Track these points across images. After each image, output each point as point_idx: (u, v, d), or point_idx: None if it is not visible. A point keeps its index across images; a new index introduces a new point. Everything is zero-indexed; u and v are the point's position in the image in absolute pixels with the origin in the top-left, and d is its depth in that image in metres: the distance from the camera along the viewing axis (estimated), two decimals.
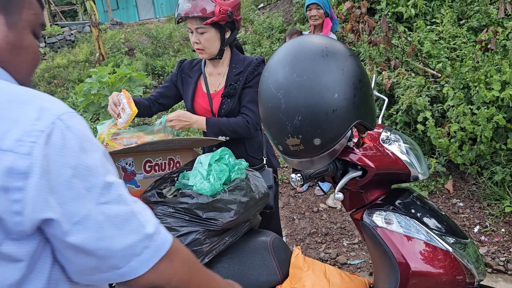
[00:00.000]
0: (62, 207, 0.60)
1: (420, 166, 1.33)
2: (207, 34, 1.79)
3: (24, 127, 0.57)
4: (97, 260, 0.65)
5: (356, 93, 1.04)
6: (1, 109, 0.57)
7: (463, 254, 1.17)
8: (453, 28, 4.52)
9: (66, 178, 0.60)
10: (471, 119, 3.16)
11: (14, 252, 0.59)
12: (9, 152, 0.55)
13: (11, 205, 0.56)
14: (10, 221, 0.57)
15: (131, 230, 0.68)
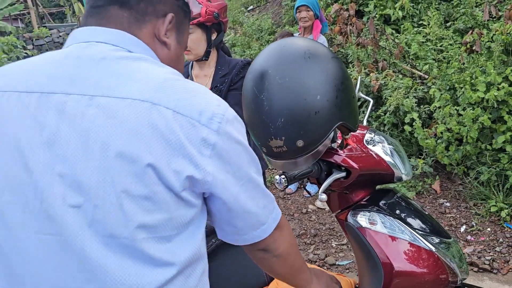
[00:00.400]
0: (235, 173, 0.76)
1: (404, 167, 1.34)
2: (193, 35, 1.80)
3: (212, 109, 0.73)
4: (247, 218, 0.81)
5: (338, 95, 1.05)
6: (194, 93, 0.73)
7: (446, 254, 1.20)
8: (439, 30, 4.58)
9: (237, 151, 0.76)
10: (457, 120, 3.21)
11: (191, 200, 0.72)
12: (204, 127, 0.71)
13: (202, 166, 0.70)
14: (197, 178, 0.70)
15: (267, 197, 0.85)
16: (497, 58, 3.20)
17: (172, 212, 0.70)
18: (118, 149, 0.66)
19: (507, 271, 2.59)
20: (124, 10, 0.79)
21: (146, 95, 0.69)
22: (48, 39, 11.98)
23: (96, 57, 0.73)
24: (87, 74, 0.72)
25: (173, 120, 0.69)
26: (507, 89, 2.96)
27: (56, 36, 12.28)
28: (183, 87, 0.73)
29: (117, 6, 0.78)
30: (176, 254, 0.72)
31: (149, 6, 0.80)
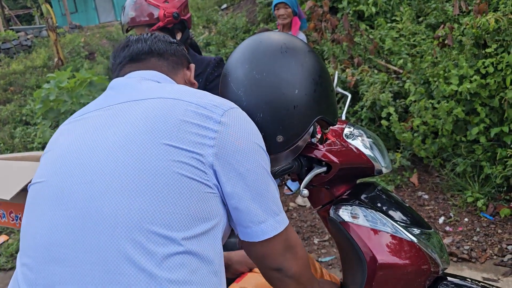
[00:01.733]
0: (245, 159, 0.86)
1: (384, 160, 1.34)
2: None
3: (220, 101, 0.90)
4: (257, 206, 0.86)
5: (316, 89, 1.04)
6: (203, 94, 0.91)
7: (427, 244, 1.19)
8: (412, 25, 4.64)
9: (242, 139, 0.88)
10: (432, 113, 3.25)
11: (205, 180, 0.81)
12: (209, 111, 0.86)
13: (206, 140, 0.82)
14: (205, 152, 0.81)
15: (275, 194, 0.91)
16: (469, 51, 3.26)
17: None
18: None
19: (485, 259, 2.64)
20: (162, 61, 1.05)
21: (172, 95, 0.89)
22: (16, 42, 11.63)
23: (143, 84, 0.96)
24: (132, 91, 0.94)
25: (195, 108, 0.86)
26: (479, 81, 3.02)
27: (24, 39, 11.93)
28: (197, 92, 0.93)
29: (156, 58, 1.05)
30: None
31: (178, 59, 1.09)
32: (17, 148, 5.61)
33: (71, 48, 9.50)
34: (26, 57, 10.48)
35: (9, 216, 1.59)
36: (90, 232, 0.73)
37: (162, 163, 0.77)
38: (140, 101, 0.88)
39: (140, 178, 0.76)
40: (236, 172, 0.84)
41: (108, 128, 0.84)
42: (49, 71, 8.62)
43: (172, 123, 0.81)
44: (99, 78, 4.96)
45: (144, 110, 0.85)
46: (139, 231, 0.72)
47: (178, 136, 0.80)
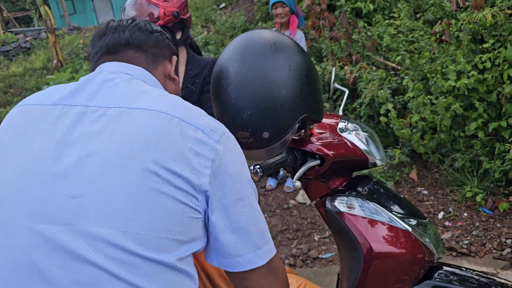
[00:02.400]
0: (231, 190, 0.83)
1: (378, 152, 1.36)
2: None
3: (215, 125, 0.85)
4: (236, 240, 0.83)
5: (302, 88, 1.08)
6: (200, 114, 0.87)
7: (422, 234, 1.21)
8: (410, 21, 4.65)
9: (233, 170, 0.84)
10: (430, 109, 3.26)
11: (196, 206, 0.79)
12: (206, 136, 0.81)
13: (202, 168, 0.78)
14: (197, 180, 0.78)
15: (260, 226, 0.89)
16: (466, 47, 3.27)
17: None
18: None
19: (484, 253, 2.65)
20: (140, 53, 0.97)
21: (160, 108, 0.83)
22: (15, 45, 11.65)
23: (118, 81, 0.88)
24: (106, 92, 0.86)
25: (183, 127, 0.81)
26: (476, 76, 3.03)
27: (23, 41, 11.95)
28: (192, 107, 0.87)
29: (133, 51, 0.97)
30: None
31: (159, 50, 1.01)
32: None
33: (70, 49, 9.52)
34: (26, 59, 10.51)
35: None
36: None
37: (152, 193, 0.74)
38: (134, 111, 0.80)
39: (134, 206, 0.73)
40: (221, 202, 0.81)
41: (97, 143, 0.77)
42: (48, 73, 8.64)
43: (168, 145, 0.77)
44: None
45: (138, 125, 0.78)
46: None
47: (174, 161, 0.76)
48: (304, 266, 2.82)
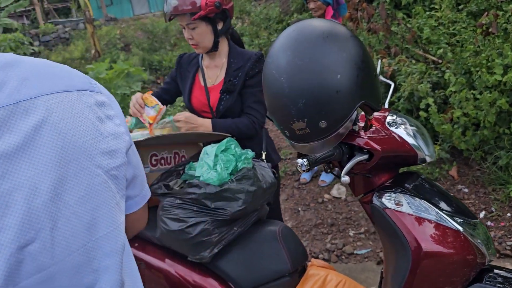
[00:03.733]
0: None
1: (427, 148, 1.32)
2: (198, 29, 1.76)
3: (88, 79, 0.69)
4: (134, 184, 0.76)
5: (359, 74, 1.03)
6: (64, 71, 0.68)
7: (473, 234, 1.17)
8: (452, 13, 4.48)
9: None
10: (473, 104, 3.14)
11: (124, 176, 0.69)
12: (91, 92, 0.66)
13: (117, 128, 0.66)
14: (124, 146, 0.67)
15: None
16: None
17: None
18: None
19: None
20: None
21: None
22: (54, 35, 12.03)
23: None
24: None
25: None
26: None
27: (62, 32, 12.31)
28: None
29: None
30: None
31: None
32: None
33: (107, 40, 9.73)
34: (64, 49, 10.82)
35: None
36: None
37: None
38: (34, 101, 0.56)
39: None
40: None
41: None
42: (86, 62, 8.88)
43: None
44: (136, 70, 5.07)
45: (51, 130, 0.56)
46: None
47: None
48: (338, 262, 2.79)
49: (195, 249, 1.42)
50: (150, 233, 1.59)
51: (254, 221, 1.55)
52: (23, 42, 9.80)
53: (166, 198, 1.48)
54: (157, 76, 7.65)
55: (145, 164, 1.67)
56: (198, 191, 1.40)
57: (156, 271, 1.56)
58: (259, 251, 1.47)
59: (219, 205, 1.40)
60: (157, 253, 1.58)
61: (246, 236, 1.51)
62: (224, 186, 1.40)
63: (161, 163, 1.75)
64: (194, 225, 1.40)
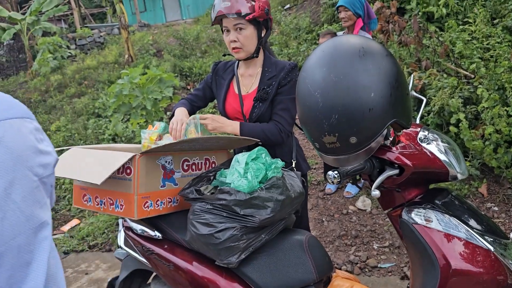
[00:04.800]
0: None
1: (459, 165, 1.31)
2: (246, 31, 1.79)
3: (26, 108, 0.75)
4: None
5: (392, 92, 1.05)
6: None
7: (504, 254, 1.16)
8: (486, 27, 4.41)
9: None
10: (507, 121, 3.08)
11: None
12: (31, 119, 0.73)
13: (47, 148, 0.75)
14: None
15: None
16: None
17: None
18: None
19: None
20: None
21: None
22: (90, 39, 12.43)
23: None
24: None
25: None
26: None
27: (97, 36, 12.72)
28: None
29: None
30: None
31: None
32: (90, 138, 6.01)
33: (140, 45, 9.98)
34: (99, 53, 11.16)
35: (95, 201, 1.73)
36: None
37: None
38: None
39: None
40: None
41: None
42: (120, 67, 9.12)
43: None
44: (169, 76, 5.19)
45: None
46: None
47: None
48: (361, 274, 2.78)
49: (223, 254, 1.46)
50: (180, 236, 1.64)
51: (281, 229, 1.57)
52: (61, 46, 10.18)
53: (197, 202, 1.53)
54: (187, 82, 7.79)
55: (177, 169, 1.72)
56: (229, 197, 1.44)
57: (183, 273, 1.60)
58: (285, 259, 1.49)
59: (248, 212, 1.43)
60: (185, 256, 1.63)
61: (273, 244, 1.53)
62: (254, 194, 1.44)
63: (192, 169, 1.80)
64: (223, 230, 1.44)
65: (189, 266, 1.60)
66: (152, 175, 1.63)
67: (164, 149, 1.64)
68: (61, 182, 5.24)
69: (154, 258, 1.70)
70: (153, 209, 1.64)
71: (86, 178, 1.57)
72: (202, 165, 1.84)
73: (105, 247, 3.89)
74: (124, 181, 1.61)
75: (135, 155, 1.57)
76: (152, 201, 1.64)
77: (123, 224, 1.87)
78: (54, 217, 4.80)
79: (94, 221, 4.29)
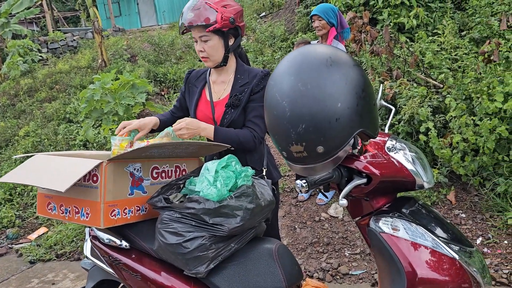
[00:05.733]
0: None
1: (426, 174, 1.33)
2: (211, 42, 1.81)
3: None
4: None
5: (359, 102, 1.06)
6: None
7: (468, 262, 1.18)
8: (454, 39, 4.55)
9: None
10: (473, 130, 3.17)
11: None
12: None
13: None
14: None
15: None
16: None
17: None
18: None
19: None
20: None
21: None
22: (63, 43, 12.16)
23: None
24: None
25: None
26: None
27: (70, 40, 12.45)
28: None
29: None
30: None
31: None
32: (60, 144, 5.85)
33: (114, 50, 9.83)
34: (72, 57, 10.92)
35: (60, 209, 1.67)
36: None
37: None
38: None
39: None
40: None
41: None
42: (92, 71, 8.95)
43: None
44: (141, 81, 5.12)
45: None
46: None
47: None
48: (333, 281, 2.79)
49: (191, 263, 1.43)
50: (148, 245, 1.60)
51: (251, 238, 1.56)
52: (32, 49, 9.90)
53: (166, 211, 1.50)
54: (162, 88, 7.71)
55: (146, 176, 1.69)
56: (198, 206, 1.42)
57: (151, 283, 1.57)
58: (254, 268, 1.48)
59: (217, 221, 1.41)
60: (153, 266, 1.59)
61: (243, 253, 1.52)
62: (223, 203, 1.42)
63: (162, 176, 1.77)
64: (192, 239, 1.41)
65: (157, 276, 1.56)
66: (120, 183, 1.59)
67: (132, 156, 1.60)
68: (29, 189, 5.07)
69: (121, 268, 1.65)
70: (121, 218, 1.60)
71: (50, 185, 1.51)
72: (172, 172, 1.81)
73: (74, 256, 3.78)
74: (90, 189, 1.56)
75: (102, 162, 1.53)
76: (120, 209, 1.60)
77: (89, 233, 1.82)
78: (21, 225, 4.64)
79: (62, 229, 4.16)
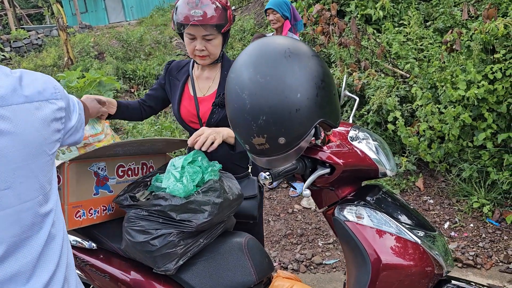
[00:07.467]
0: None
1: (388, 162, 1.35)
2: (216, 41, 1.71)
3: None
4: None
5: (318, 93, 1.06)
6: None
7: (431, 246, 1.21)
8: (420, 29, 4.65)
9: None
10: (439, 118, 3.26)
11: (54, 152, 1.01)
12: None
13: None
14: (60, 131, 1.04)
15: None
16: (477, 56, 3.26)
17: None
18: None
19: (490, 266, 2.63)
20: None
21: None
22: (27, 41, 11.75)
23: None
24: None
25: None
26: (486, 87, 3.02)
27: (35, 38, 12.06)
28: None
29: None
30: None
31: None
32: None
33: (81, 47, 9.58)
34: (37, 56, 10.59)
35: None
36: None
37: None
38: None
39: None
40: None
41: None
42: (59, 70, 8.70)
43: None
44: (108, 79, 5.01)
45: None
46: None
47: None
48: (307, 272, 2.82)
49: (160, 261, 1.41)
50: (116, 245, 1.57)
51: (220, 232, 1.55)
52: None
53: (132, 209, 1.47)
54: (131, 85, 7.56)
55: (112, 175, 1.65)
56: (164, 203, 1.40)
57: (120, 283, 1.54)
58: (224, 263, 1.47)
59: (184, 217, 1.39)
60: (122, 265, 1.56)
61: (212, 248, 1.51)
62: (190, 198, 1.41)
63: (128, 174, 1.73)
64: (160, 236, 1.39)
65: (126, 276, 1.54)
66: (84, 183, 1.55)
67: (95, 155, 1.57)
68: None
69: (89, 269, 1.62)
70: (86, 219, 1.56)
71: None
72: (139, 170, 1.78)
73: None
74: None
75: (64, 163, 1.49)
76: (85, 210, 1.56)
77: None
78: None
79: None
